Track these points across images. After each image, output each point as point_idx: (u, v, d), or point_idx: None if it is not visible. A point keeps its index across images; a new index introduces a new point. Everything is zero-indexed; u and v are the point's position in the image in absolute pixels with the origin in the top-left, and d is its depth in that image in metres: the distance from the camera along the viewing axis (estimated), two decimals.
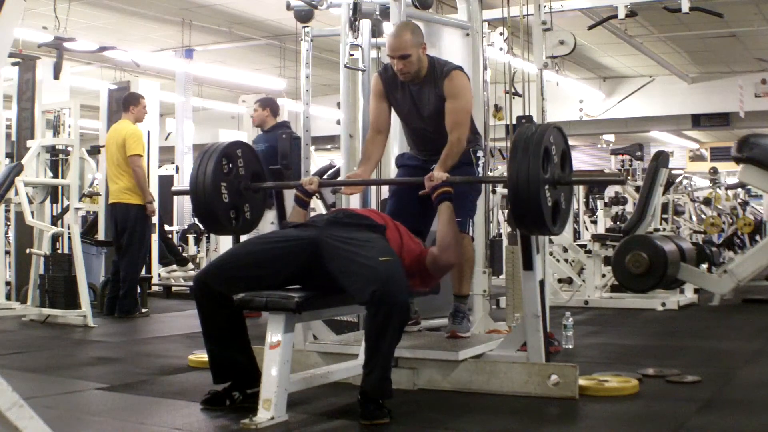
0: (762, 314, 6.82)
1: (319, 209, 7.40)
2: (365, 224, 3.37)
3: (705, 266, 9.12)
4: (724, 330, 5.95)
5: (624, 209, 10.73)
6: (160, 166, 9.85)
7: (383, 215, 3.65)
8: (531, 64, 5.12)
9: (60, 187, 6.93)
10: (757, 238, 11.74)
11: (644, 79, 16.12)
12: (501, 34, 6.05)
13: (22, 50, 8.51)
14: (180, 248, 10.65)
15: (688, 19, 10.82)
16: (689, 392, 3.53)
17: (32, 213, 6.58)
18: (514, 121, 5.21)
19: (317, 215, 4.50)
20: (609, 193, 10.78)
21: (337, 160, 7.56)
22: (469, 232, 3.88)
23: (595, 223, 11.09)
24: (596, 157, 19.89)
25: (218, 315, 3.21)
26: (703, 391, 3.55)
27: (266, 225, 4.14)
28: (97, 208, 8.46)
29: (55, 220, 6.98)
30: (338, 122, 4.94)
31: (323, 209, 7.37)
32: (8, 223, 7.73)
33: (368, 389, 2.99)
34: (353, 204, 4.78)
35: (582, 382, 3.41)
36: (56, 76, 8.15)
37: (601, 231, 9.87)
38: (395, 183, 4.20)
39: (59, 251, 6.53)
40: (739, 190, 12.93)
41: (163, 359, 4.60)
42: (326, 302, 3.28)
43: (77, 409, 3.35)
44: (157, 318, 6.88)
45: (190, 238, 11.37)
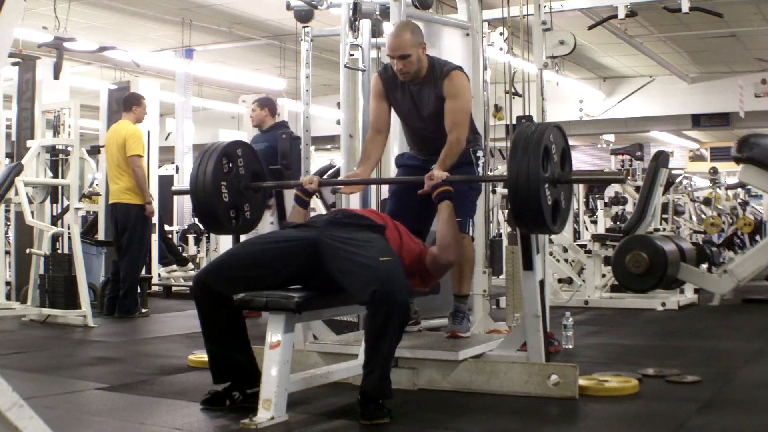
0: (762, 314, 6.82)
1: (319, 209, 7.40)
2: (365, 224, 3.37)
3: (705, 266, 9.12)
4: (724, 330, 5.95)
5: (624, 209, 10.73)
6: (160, 166, 9.85)
7: (383, 215, 3.65)
8: (531, 64, 5.12)
9: (60, 187, 6.93)
10: (757, 238, 11.74)
11: (644, 79, 16.12)
12: (501, 34, 6.05)
13: (22, 50, 8.51)
14: (180, 248, 10.65)
15: (688, 19, 10.82)
16: (689, 392, 3.53)
17: (32, 213, 6.58)
18: (514, 121, 5.21)
19: (317, 215, 4.50)
20: (609, 193, 10.77)
21: (337, 160, 7.56)
22: (469, 232, 3.88)
23: (595, 223, 11.09)
24: (596, 157, 19.90)
25: (218, 315, 3.21)
26: (703, 391, 3.55)
27: (265, 225, 4.13)
28: (97, 208, 8.46)
29: (55, 220, 6.98)
30: (338, 122, 4.94)
31: (323, 209, 7.37)
32: (8, 223, 7.73)
33: (368, 389, 2.99)
34: (353, 204, 4.78)
35: (582, 382, 3.41)
36: (56, 76, 8.15)
37: (601, 231, 9.87)
38: (395, 182, 4.20)
39: (59, 251, 6.53)
40: (739, 190, 12.93)
41: (163, 359, 4.60)
42: (326, 302, 3.27)
43: (77, 409, 3.35)
44: (157, 318, 6.88)
45: (190, 238, 11.37)
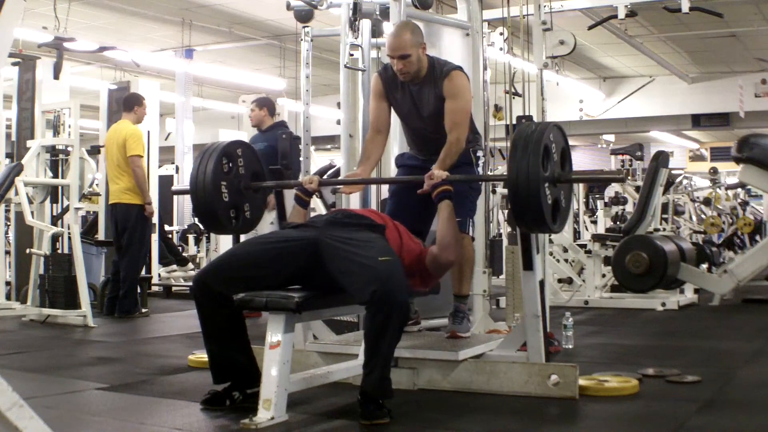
0: (762, 314, 6.82)
1: (319, 209, 7.40)
2: (365, 224, 3.37)
3: (705, 266, 9.12)
4: (724, 330, 5.95)
5: (624, 209, 10.73)
6: (160, 166, 9.85)
7: (383, 215, 3.65)
8: (531, 64, 5.11)
9: (60, 187, 6.93)
10: (757, 238, 11.74)
11: (644, 79, 16.12)
12: (501, 34, 6.05)
13: (22, 50, 8.51)
14: (180, 248, 10.65)
15: (688, 19, 10.82)
16: (689, 392, 3.53)
17: (32, 213, 6.58)
18: (514, 121, 5.21)
19: (317, 216, 4.50)
20: (609, 193, 10.78)
21: (337, 160, 7.56)
22: (469, 232, 3.88)
23: (595, 223, 11.09)
24: (596, 157, 19.90)
25: (218, 315, 3.21)
26: (703, 391, 3.55)
27: (265, 225, 4.14)
28: (97, 208, 8.46)
29: (55, 220, 6.98)
30: (338, 122, 4.94)
31: (323, 209, 7.37)
32: (8, 223, 7.73)
33: (368, 389, 2.99)
34: (353, 204, 4.78)
35: (582, 382, 3.41)
36: (56, 76, 8.15)
37: (601, 231, 9.87)
38: (395, 182, 4.20)
39: (59, 251, 6.53)
40: (739, 190, 12.93)
41: (163, 359, 4.60)
42: (326, 302, 3.27)
43: (77, 409, 3.35)
44: (157, 318, 6.88)
45: (190, 238, 11.38)
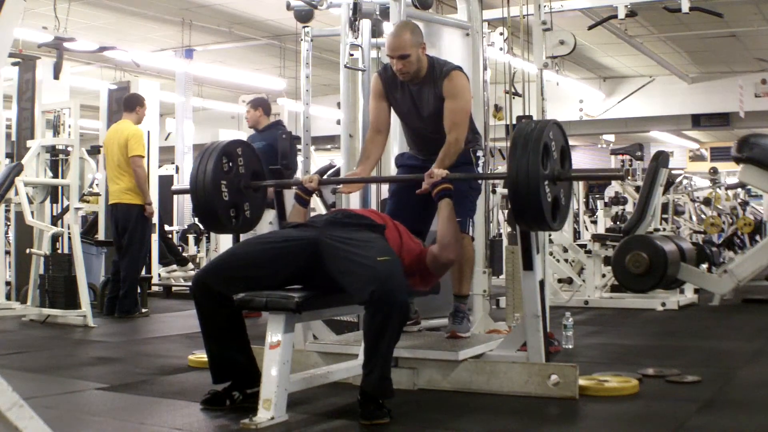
0: (762, 314, 6.82)
1: (319, 209, 7.40)
2: (364, 224, 3.37)
3: (705, 266, 9.12)
4: (724, 330, 5.95)
5: (624, 209, 10.73)
6: (160, 166, 9.85)
7: (383, 215, 3.65)
8: (531, 64, 5.12)
9: (60, 187, 6.93)
10: (757, 238, 11.74)
11: (644, 79, 16.12)
12: (501, 34, 6.06)
13: (22, 50, 8.51)
14: (180, 248, 10.65)
15: (688, 19, 10.81)
16: (689, 392, 3.53)
17: (32, 213, 6.58)
18: (514, 121, 5.21)
19: (317, 215, 4.50)
20: (609, 193, 10.78)
21: (337, 160, 7.56)
22: (469, 232, 3.88)
23: (595, 223, 11.09)
24: (596, 157, 19.91)
25: (218, 315, 3.21)
26: (703, 391, 3.55)
27: (264, 225, 4.14)
28: (97, 208, 8.46)
29: (55, 220, 6.98)
30: (338, 122, 4.95)
31: (323, 209, 7.37)
32: (8, 223, 7.72)
33: (368, 389, 2.99)
34: (353, 204, 4.78)
35: (582, 382, 3.40)
36: (56, 76, 8.15)
37: (601, 231, 9.87)
38: (395, 181, 4.20)
39: (59, 251, 6.53)
40: (739, 190, 12.93)
41: (163, 359, 4.60)
42: (326, 302, 3.27)
43: (77, 409, 3.35)
44: (157, 318, 6.88)
45: (190, 238, 11.38)
